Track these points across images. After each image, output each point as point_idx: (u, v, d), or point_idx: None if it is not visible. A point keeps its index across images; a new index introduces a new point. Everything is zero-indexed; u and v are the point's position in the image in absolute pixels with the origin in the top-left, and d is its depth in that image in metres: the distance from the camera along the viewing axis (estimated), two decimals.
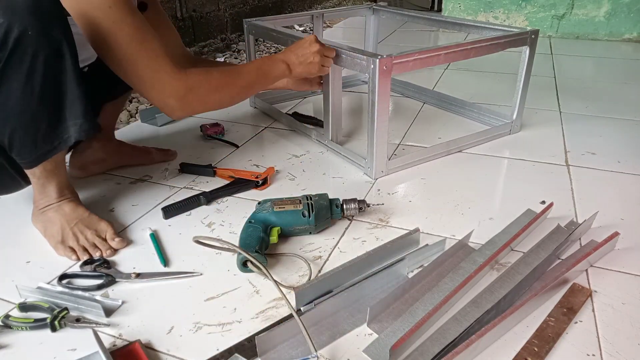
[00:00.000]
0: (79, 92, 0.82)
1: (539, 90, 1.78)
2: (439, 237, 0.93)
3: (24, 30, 0.73)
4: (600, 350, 0.68)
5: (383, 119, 1.09)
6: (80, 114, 0.83)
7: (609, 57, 2.26)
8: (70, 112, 0.83)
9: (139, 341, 0.70)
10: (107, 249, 0.90)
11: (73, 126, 0.83)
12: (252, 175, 1.11)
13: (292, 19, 1.61)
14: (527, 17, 2.67)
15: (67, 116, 0.83)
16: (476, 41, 1.18)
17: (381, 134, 1.10)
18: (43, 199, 0.92)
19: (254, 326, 0.73)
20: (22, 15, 0.73)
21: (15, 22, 0.72)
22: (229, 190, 1.08)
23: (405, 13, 1.65)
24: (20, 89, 0.77)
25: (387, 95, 1.07)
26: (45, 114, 0.81)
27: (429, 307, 0.75)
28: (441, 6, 2.90)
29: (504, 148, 1.31)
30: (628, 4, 2.46)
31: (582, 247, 0.89)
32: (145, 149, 1.25)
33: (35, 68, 0.76)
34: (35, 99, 0.78)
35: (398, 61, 1.06)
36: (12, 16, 0.72)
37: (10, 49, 0.74)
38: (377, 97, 1.05)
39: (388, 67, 1.04)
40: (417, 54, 1.09)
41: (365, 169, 1.18)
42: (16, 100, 0.78)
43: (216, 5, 2.50)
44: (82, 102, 0.83)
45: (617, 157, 1.25)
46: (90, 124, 0.84)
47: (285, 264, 0.87)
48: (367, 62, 1.05)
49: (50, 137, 0.83)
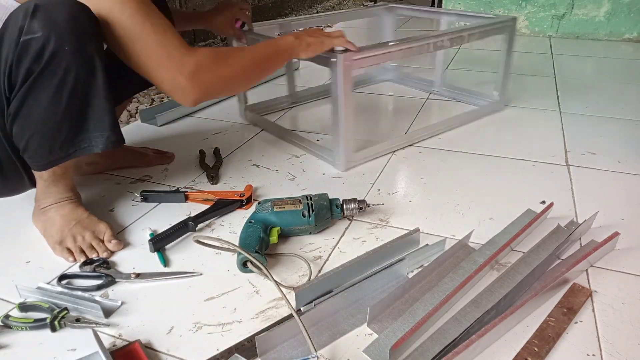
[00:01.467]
0: (107, 106, 0.84)
1: (539, 90, 1.78)
2: (439, 237, 0.93)
3: (60, 46, 0.76)
4: (600, 350, 0.68)
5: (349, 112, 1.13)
6: (108, 126, 0.85)
7: (609, 57, 2.26)
8: (96, 124, 0.85)
9: (138, 341, 0.70)
10: (104, 251, 0.90)
11: (99, 137, 0.86)
12: (234, 195, 1.05)
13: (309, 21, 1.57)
14: (527, 17, 2.67)
15: (90, 127, 0.85)
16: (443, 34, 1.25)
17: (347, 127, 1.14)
18: (46, 198, 0.92)
19: (254, 326, 0.73)
20: (59, 31, 0.75)
21: (53, 37, 0.75)
22: (215, 213, 1.01)
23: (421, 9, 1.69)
24: (48, 99, 0.79)
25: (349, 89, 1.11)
26: (67, 125, 0.83)
27: (429, 307, 0.75)
28: (441, 6, 2.90)
29: (503, 147, 1.31)
30: (628, 4, 2.46)
31: (582, 247, 0.89)
32: (142, 152, 1.24)
33: (66, 82, 0.78)
34: (61, 110, 0.80)
35: (358, 57, 1.09)
36: (50, 31, 0.75)
37: (44, 63, 0.76)
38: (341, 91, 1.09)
39: (349, 63, 1.08)
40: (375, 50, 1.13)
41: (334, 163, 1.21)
42: (42, 109, 0.80)
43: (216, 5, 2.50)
44: (109, 116, 0.85)
45: (617, 157, 1.25)
46: (116, 136, 0.87)
47: (285, 264, 0.87)
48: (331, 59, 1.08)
49: (66, 146, 0.85)
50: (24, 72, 0.77)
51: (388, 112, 1.62)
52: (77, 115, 0.83)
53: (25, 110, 0.80)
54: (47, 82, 0.78)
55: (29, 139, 0.82)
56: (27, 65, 0.76)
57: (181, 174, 1.19)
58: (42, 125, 0.81)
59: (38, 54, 0.75)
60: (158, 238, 0.91)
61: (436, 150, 1.31)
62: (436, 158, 1.26)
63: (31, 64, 0.76)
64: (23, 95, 0.78)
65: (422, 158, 1.26)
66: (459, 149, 1.31)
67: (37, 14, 0.74)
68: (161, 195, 1.08)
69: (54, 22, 0.75)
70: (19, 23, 0.74)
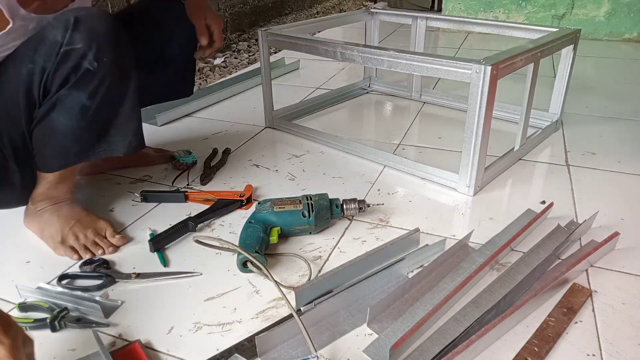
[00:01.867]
0: (134, 114, 0.88)
1: (539, 90, 1.77)
2: (439, 237, 0.93)
3: (99, 57, 0.78)
4: (600, 350, 0.68)
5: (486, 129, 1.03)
6: (132, 131, 0.89)
7: (609, 57, 2.26)
8: (119, 130, 0.88)
9: (138, 341, 0.70)
10: (109, 246, 0.90)
11: (121, 142, 0.89)
12: (234, 195, 1.05)
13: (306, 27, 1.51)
14: (527, 17, 2.67)
15: (112, 133, 0.87)
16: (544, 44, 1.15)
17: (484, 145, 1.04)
18: (43, 200, 0.92)
19: (254, 326, 0.73)
20: (100, 43, 0.78)
21: (93, 49, 0.78)
22: (215, 213, 1.00)
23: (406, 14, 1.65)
24: (78, 108, 0.81)
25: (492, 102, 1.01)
26: (90, 133, 0.85)
27: (429, 307, 0.75)
28: (441, 6, 2.90)
29: (502, 146, 1.31)
30: (628, 4, 2.46)
31: (582, 247, 0.89)
32: (143, 152, 1.24)
33: (98, 92, 0.81)
34: (87, 119, 0.83)
35: (504, 65, 1.00)
36: (91, 42, 0.77)
37: (82, 73, 0.79)
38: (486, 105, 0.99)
39: (496, 72, 0.98)
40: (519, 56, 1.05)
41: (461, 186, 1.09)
42: (68, 118, 0.82)
43: (216, 5, 2.50)
44: (135, 122, 0.89)
45: (617, 157, 1.25)
46: (138, 141, 0.91)
47: (285, 264, 0.87)
48: (471, 70, 0.98)
49: (83, 152, 0.87)
50: (60, 80, 0.79)
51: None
52: (101, 123, 0.86)
53: (52, 116, 0.82)
54: (81, 91, 0.80)
55: (50, 141, 0.84)
56: (65, 74, 0.78)
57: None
58: (66, 132, 0.83)
59: (77, 64, 0.78)
60: (158, 238, 0.91)
61: (436, 150, 1.31)
62: (436, 158, 1.26)
63: (69, 73, 0.79)
64: (54, 101, 0.81)
65: (422, 158, 1.26)
66: (459, 148, 1.31)
67: (79, 26, 0.77)
68: (161, 195, 1.08)
69: (95, 34, 0.78)
70: (60, 34, 0.77)
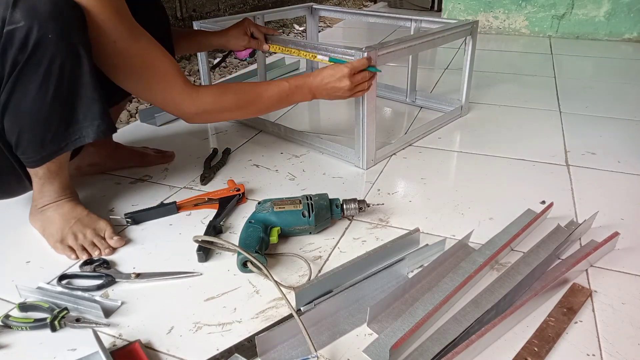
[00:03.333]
0: (95, 95, 0.83)
1: (539, 90, 1.78)
2: (439, 237, 0.93)
3: (44, 34, 0.75)
4: (600, 350, 0.68)
5: (372, 110, 1.14)
6: (97, 115, 0.84)
7: (609, 57, 2.26)
8: (86, 114, 0.84)
9: (139, 341, 0.70)
10: (106, 247, 0.90)
11: (89, 127, 0.85)
12: (230, 191, 1.05)
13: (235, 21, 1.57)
14: (527, 17, 2.67)
15: (80, 118, 0.84)
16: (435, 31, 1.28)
17: (371, 123, 1.15)
18: (42, 197, 0.92)
19: (254, 326, 0.73)
20: (42, 19, 0.75)
21: (35, 26, 0.74)
22: (228, 211, 1.01)
23: (347, 11, 1.71)
24: (35, 90, 0.79)
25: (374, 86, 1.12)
26: (57, 116, 0.82)
27: (429, 307, 0.75)
28: (441, 6, 2.90)
29: (503, 147, 1.31)
30: (628, 4, 2.46)
31: (582, 247, 0.89)
32: (143, 152, 1.24)
33: (52, 71, 0.78)
34: (49, 101, 0.80)
35: (382, 52, 1.11)
36: (33, 20, 0.74)
37: (29, 52, 0.75)
38: None
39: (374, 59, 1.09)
40: (394, 46, 1.15)
41: (355, 160, 1.22)
42: (30, 101, 0.79)
43: (216, 5, 2.50)
44: (99, 104, 0.84)
45: (617, 157, 1.25)
46: (107, 124, 0.85)
47: (285, 264, 0.87)
48: (354, 57, 1.08)
49: (57, 139, 0.84)
50: (10, 63, 0.76)
51: (387, 113, 1.62)
52: (65, 105, 0.82)
53: (14, 103, 0.79)
54: (33, 72, 0.77)
55: (20, 132, 0.82)
56: (13, 56, 0.76)
57: (181, 174, 1.19)
58: (32, 117, 0.81)
59: (22, 44, 0.75)
60: (204, 248, 0.88)
61: (436, 150, 1.31)
62: (436, 158, 1.26)
63: (16, 55, 0.76)
64: (11, 86, 0.78)
65: (422, 158, 1.26)
66: (459, 149, 1.31)
67: (19, 4, 0.74)
68: (149, 213, 1.00)
69: (35, 10, 0.74)
70: (0, 14, 0.74)
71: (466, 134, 1.41)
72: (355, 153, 1.21)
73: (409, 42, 1.20)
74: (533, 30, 2.69)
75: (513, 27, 2.72)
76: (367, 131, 1.15)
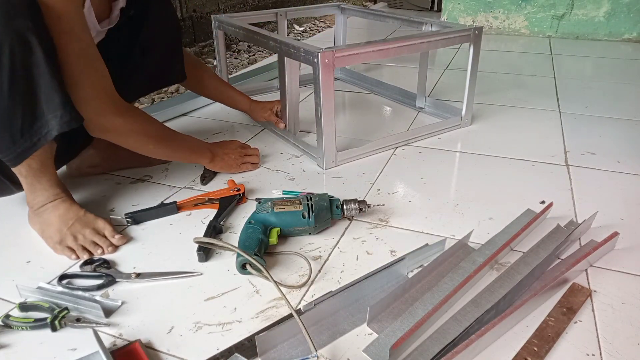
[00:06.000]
0: (54, 84, 0.78)
1: (539, 90, 1.78)
2: (438, 237, 0.93)
3: None
4: (600, 350, 0.68)
5: (329, 111, 1.14)
6: (58, 105, 0.79)
7: (608, 57, 2.26)
8: (48, 105, 0.79)
9: (139, 341, 0.70)
10: (108, 245, 0.90)
11: (53, 119, 0.80)
12: (230, 191, 1.06)
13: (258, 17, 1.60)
14: (527, 17, 2.67)
15: (44, 110, 0.79)
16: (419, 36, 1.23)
17: (328, 124, 1.15)
18: (35, 199, 0.92)
19: (254, 326, 0.73)
20: None
21: None
22: (228, 210, 1.01)
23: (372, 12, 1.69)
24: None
25: (331, 87, 1.11)
26: (19, 109, 0.78)
27: (428, 307, 0.75)
28: (441, 6, 2.90)
29: (503, 147, 1.31)
30: (628, 4, 2.46)
31: (582, 247, 0.89)
32: None
33: (2, 62, 0.73)
34: (6, 94, 0.76)
35: (340, 55, 1.10)
36: None
37: None
38: (322, 90, 1.10)
39: (330, 61, 1.08)
40: (358, 48, 1.13)
41: (317, 159, 1.23)
42: None
43: (216, 5, 2.50)
44: (59, 94, 0.78)
45: (616, 157, 1.25)
46: (70, 115, 0.80)
47: (285, 263, 0.87)
48: (311, 57, 1.09)
49: (28, 133, 0.80)
50: None
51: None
52: (26, 97, 0.78)
53: None
54: None
55: None
56: None
57: (181, 174, 1.19)
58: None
59: None
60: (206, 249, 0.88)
61: (436, 150, 1.31)
62: (436, 158, 1.26)
63: None
64: None
65: (422, 158, 1.26)
66: (459, 149, 1.31)
67: None
68: (150, 213, 1.00)
69: None
70: None
71: (466, 134, 1.41)
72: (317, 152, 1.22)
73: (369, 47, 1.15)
74: (533, 31, 2.69)
75: (513, 28, 2.72)
76: (325, 132, 1.15)
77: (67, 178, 1.16)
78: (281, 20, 1.63)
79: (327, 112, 1.13)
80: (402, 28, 2.88)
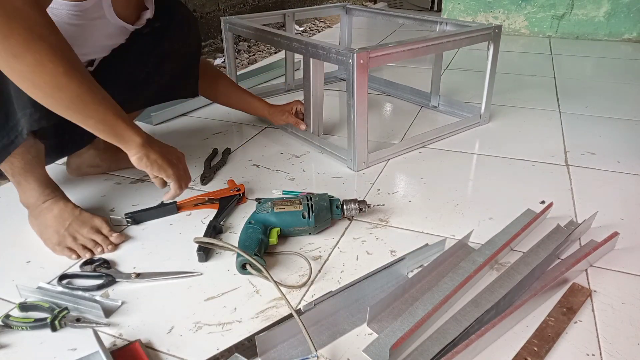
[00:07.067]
0: None
1: (539, 90, 1.78)
2: (438, 237, 0.93)
3: None
4: (600, 350, 0.68)
5: (362, 112, 1.12)
6: (28, 102, 0.75)
7: (608, 57, 2.26)
8: (18, 102, 0.76)
9: (139, 341, 0.70)
10: (108, 244, 0.90)
11: (24, 117, 0.78)
12: (230, 191, 1.06)
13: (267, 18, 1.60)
14: (527, 17, 2.67)
15: (16, 107, 0.77)
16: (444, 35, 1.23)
17: (361, 125, 1.14)
18: (28, 199, 0.92)
19: (254, 326, 0.73)
20: None
21: None
22: (228, 210, 1.01)
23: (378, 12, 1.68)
24: None
25: (365, 88, 1.10)
26: None
27: (428, 307, 0.75)
28: (441, 6, 2.90)
29: (503, 147, 1.31)
30: (628, 4, 2.46)
31: (582, 247, 0.89)
32: None
33: None
34: None
35: (374, 55, 1.09)
36: None
37: None
38: (356, 90, 1.09)
39: (365, 61, 1.07)
40: (391, 48, 1.12)
41: (347, 161, 1.21)
42: None
43: (216, 5, 2.50)
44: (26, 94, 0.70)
45: (616, 157, 1.25)
46: (40, 113, 0.75)
47: (285, 263, 0.87)
48: (345, 57, 1.07)
49: (4, 131, 0.79)
50: None
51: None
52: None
53: None
54: None
55: None
56: None
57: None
58: None
59: None
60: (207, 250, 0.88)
61: (436, 150, 1.31)
62: (436, 158, 1.26)
63: None
64: None
65: (422, 158, 1.26)
66: (459, 149, 1.31)
67: None
68: (151, 212, 1.00)
69: None
70: None
71: (465, 134, 1.41)
72: (347, 154, 1.21)
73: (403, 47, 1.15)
74: (533, 31, 2.69)
75: (513, 28, 2.73)
76: (358, 133, 1.14)
77: (67, 178, 1.16)
78: (289, 21, 1.64)
79: (361, 113, 1.12)
80: (403, 28, 2.88)
